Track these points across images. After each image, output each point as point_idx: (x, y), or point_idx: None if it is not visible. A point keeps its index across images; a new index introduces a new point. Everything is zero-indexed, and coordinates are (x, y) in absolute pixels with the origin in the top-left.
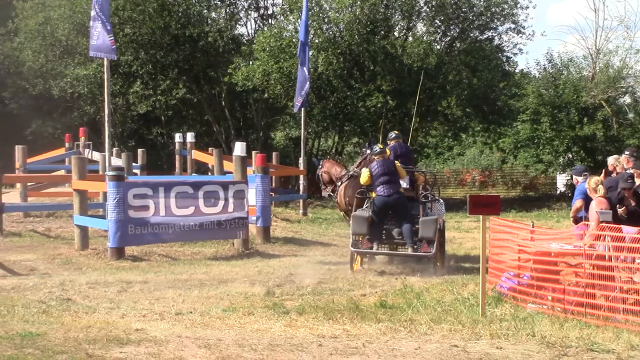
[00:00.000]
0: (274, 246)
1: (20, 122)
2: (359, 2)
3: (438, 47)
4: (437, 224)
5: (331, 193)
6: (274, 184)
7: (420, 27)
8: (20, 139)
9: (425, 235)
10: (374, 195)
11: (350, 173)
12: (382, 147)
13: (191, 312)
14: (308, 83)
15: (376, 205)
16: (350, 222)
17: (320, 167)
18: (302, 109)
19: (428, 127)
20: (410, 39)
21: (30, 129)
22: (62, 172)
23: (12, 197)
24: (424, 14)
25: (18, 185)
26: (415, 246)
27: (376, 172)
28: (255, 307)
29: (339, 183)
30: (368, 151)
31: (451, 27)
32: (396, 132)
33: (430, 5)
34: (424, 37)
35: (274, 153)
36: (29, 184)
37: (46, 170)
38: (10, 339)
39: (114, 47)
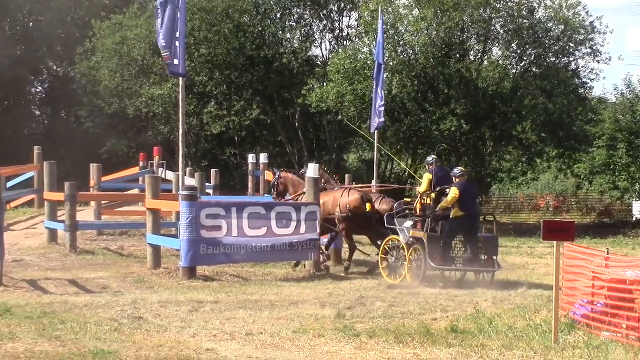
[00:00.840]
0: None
1: (95, 140)
2: (434, 25)
3: (514, 71)
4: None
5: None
6: None
7: (496, 51)
8: (95, 157)
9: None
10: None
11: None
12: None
13: (262, 333)
14: (383, 105)
15: (459, 223)
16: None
17: (277, 177)
18: (376, 131)
19: (502, 152)
20: (486, 62)
21: (105, 147)
22: (135, 191)
23: (86, 215)
24: (500, 38)
25: (92, 203)
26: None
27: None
28: (325, 330)
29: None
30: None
31: (527, 52)
32: (433, 157)
33: (506, 29)
34: (500, 62)
35: (346, 175)
36: (103, 202)
37: (120, 189)
38: (82, 356)
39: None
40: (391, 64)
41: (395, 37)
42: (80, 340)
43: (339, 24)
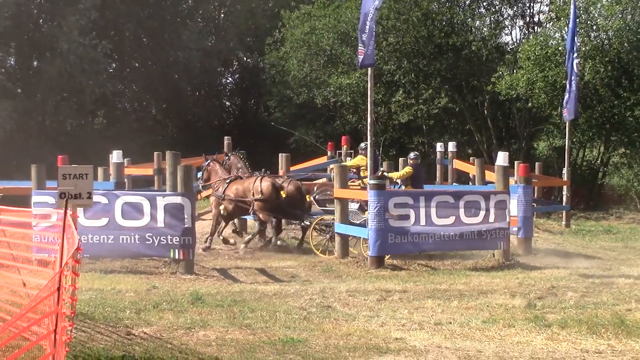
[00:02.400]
0: (535, 258)
1: (284, 130)
2: (629, 9)
3: None
4: None
5: (201, 189)
6: (536, 195)
7: None
8: (284, 147)
9: None
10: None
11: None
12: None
13: (450, 323)
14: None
15: None
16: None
17: (207, 164)
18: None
19: None
20: None
21: (293, 137)
22: (324, 180)
23: None
24: None
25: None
26: None
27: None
28: (515, 320)
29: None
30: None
31: None
32: (365, 143)
33: None
34: None
35: (536, 163)
36: None
37: (308, 178)
38: (272, 344)
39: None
40: (583, 49)
41: (588, 22)
42: (269, 328)
43: (530, 10)
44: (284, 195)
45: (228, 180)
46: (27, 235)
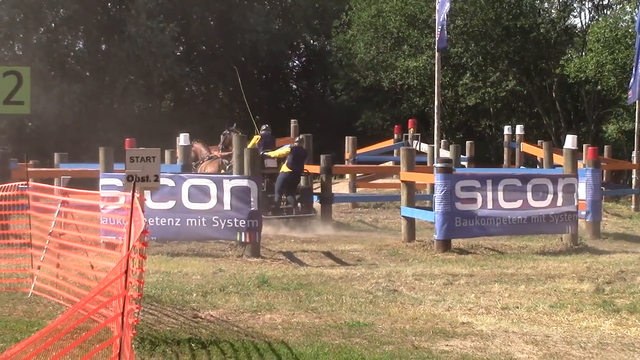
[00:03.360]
0: (604, 242)
1: (350, 113)
2: None
3: None
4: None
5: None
6: (604, 178)
7: None
8: (350, 130)
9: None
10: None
11: (210, 155)
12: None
13: (517, 307)
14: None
15: (285, 177)
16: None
17: (191, 146)
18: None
19: None
20: None
21: (360, 120)
22: (390, 164)
23: (341, 187)
24: None
25: (347, 176)
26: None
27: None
28: (583, 304)
29: (201, 161)
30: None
31: None
32: (266, 125)
33: None
34: None
35: (605, 146)
36: (357, 174)
37: (375, 161)
38: (338, 327)
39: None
40: None
41: None
42: (335, 312)
43: None
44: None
45: (200, 163)
46: (94, 217)
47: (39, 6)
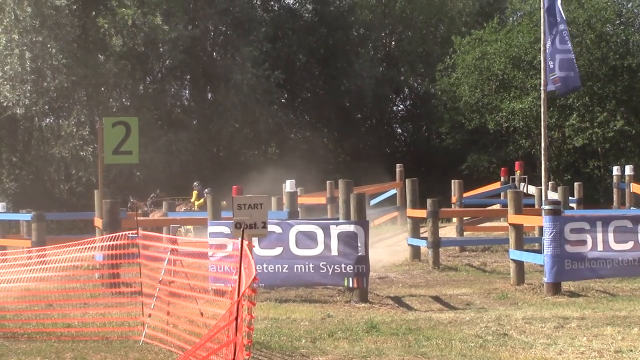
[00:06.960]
0: None
1: (456, 156)
2: None
3: None
4: None
5: None
6: None
7: None
8: (456, 173)
9: None
10: None
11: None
12: None
13: (631, 351)
14: None
15: None
16: None
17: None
18: None
19: None
20: None
21: (466, 163)
22: (497, 207)
23: (448, 231)
24: None
25: (454, 219)
26: None
27: None
28: None
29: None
30: None
31: None
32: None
33: None
34: None
35: None
36: (465, 218)
37: (481, 204)
38: None
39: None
40: None
41: None
42: (445, 356)
43: None
44: None
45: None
46: (203, 265)
47: (145, 57)
